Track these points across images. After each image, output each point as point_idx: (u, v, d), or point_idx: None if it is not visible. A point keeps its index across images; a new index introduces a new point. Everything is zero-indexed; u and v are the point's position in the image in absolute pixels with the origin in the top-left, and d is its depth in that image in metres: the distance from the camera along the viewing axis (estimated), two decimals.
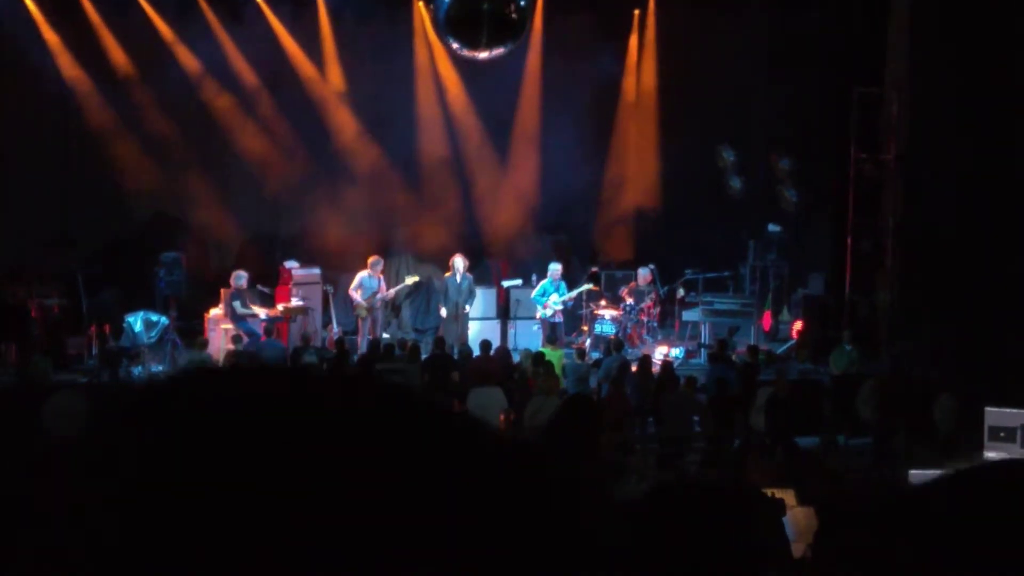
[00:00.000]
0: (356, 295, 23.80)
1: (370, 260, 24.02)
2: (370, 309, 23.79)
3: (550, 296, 24.05)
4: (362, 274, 23.88)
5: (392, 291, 24.52)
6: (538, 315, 24.25)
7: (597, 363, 21.19)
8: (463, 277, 24.06)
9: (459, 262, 24.08)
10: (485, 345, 21.14)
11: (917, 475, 13.70)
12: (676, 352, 23.78)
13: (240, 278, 22.75)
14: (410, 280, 24.99)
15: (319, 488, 1.07)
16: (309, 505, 1.06)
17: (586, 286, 24.69)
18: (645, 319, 24.58)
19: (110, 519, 1.07)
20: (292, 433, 1.11)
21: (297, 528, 1.05)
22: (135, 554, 1.05)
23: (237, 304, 22.45)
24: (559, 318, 24.25)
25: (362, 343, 23.36)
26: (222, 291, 23.45)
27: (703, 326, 25.18)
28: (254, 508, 1.05)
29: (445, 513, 1.09)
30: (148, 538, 1.05)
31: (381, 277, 24.11)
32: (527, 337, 24.47)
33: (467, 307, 24.14)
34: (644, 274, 24.69)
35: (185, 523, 1.05)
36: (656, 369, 21.07)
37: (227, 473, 1.08)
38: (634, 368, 20.46)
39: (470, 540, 1.09)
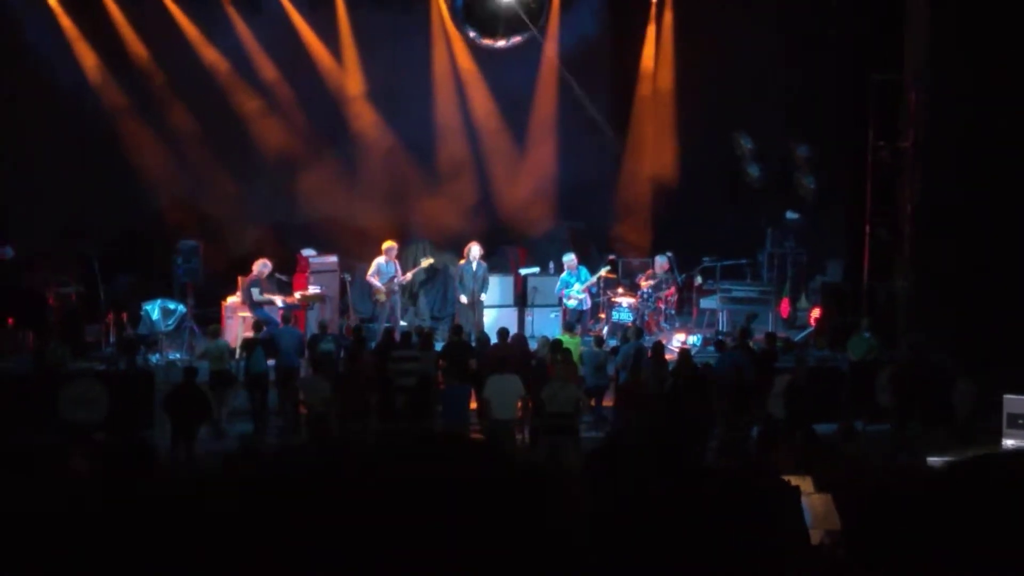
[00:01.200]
0: (375, 280, 23.84)
1: (385, 246, 24.04)
2: (389, 293, 23.81)
3: (572, 287, 24.06)
4: (378, 260, 23.92)
5: (409, 274, 24.54)
6: (564, 306, 24.20)
7: (614, 350, 21.17)
8: (478, 264, 24.07)
9: (475, 250, 24.10)
10: (503, 333, 21.12)
11: (935, 462, 13.67)
12: (693, 339, 23.76)
13: (265, 266, 22.79)
14: (425, 262, 24.97)
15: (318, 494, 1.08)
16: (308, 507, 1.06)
17: (604, 268, 24.65)
18: (662, 307, 24.56)
19: None
20: None
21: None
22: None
23: (255, 291, 22.48)
24: (587, 304, 24.26)
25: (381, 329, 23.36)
26: (239, 279, 23.49)
27: (720, 313, 25.15)
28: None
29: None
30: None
31: (396, 262, 24.15)
32: (544, 324, 24.45)
33: (482, 294, 24.16)
34: (661, 262, 24.68)
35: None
36: (673, 356, 21.06)
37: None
38: (648, 355, 20.43)
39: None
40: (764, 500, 3.16)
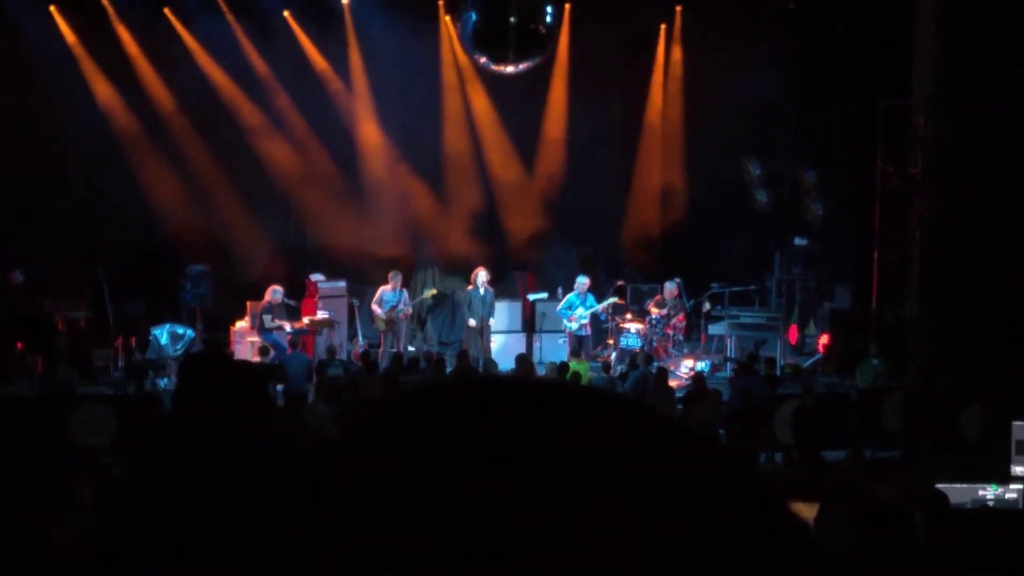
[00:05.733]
0: (376, 308, 23.87)
1: (390, 275, 24.09)
2: (390, 322, 23.82)
3: (576, 309, 24.02)
4: (383, 288, 23.94)
5: (410, 307, 24.50)
6: (565, 328, 24.23)
7: (623, 376, 21.13)
8: (486, 290, 24.06)
9: (482, 275, 24.09)
10: (522, 359, 21.14)
11: (944, 488, 13.61)
12: (702, 365, 23.70)
13: (277, 293, 22.80)
14: (428, 293, 25.06)
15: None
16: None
17: (613, 299, 24.66)
18: (671, 332, 24.51)
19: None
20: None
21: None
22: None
23: (267, 317, 22.49)
24: (587, 331, 24.21)
25: (384, 357, 23.35)
26: (248, 304, 23.53)
27: (729, 340, 25.09)
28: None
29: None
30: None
31: (404, 289, 24.19)
32: (553, 350, 24.44)
33: (490, 320, 24.14)
34: (670, 287, 24.62)
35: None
36: (681, 383, 21.04)
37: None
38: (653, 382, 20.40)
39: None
40: None
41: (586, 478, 1.05)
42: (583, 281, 24.39)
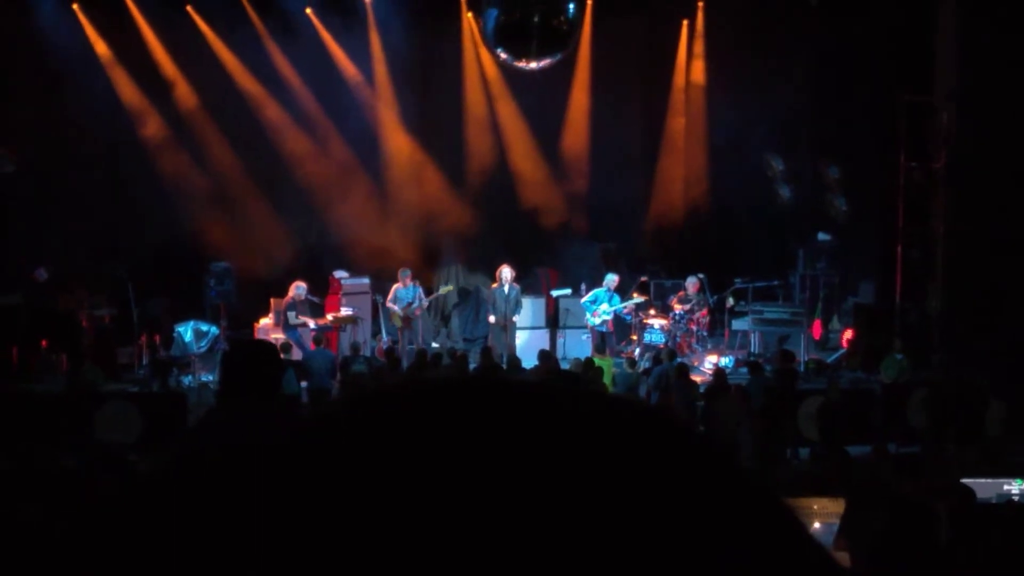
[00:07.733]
0: (392, 306, 23.89)
1: (399, 272, 24.11)
2: (406, 319, 23.82)
3: (600, 304, 23.98)
4: (396, 286, 23.96)
5: (426, 302, 24.50)
6: (587, 323, 24.21)
7: (647, 372, 21.11)
8: (510, 287, 24.05)
9: (506, 272, 24.08)
10: (544, 355, 21.14)
11: (969, 483, 13.57)
12: (725, 361, 23.66)
13: (300, 289, 22.81)
14: (444, 290, 25.05)
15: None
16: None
17: (636, 299, 24.61)
18: (694, 328, 24.48)
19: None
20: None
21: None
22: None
23: (291, 314, 22.52)
24: (609, 328, 24.17)
25: (404, 353, 23.34)
26: (272, 300, 23.57)
27: (752, 335, 25.06)
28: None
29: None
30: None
31: (418, 286, 24.18)
32: (576, 346, 24.44)
33: (514, 317, 24.13)
34: (693, 283, 24.58)
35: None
36: (705, 378, 21.00)
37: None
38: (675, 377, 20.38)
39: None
40: None
41: (583, 493, 1.03)
42: (612, 278, 24.32)
